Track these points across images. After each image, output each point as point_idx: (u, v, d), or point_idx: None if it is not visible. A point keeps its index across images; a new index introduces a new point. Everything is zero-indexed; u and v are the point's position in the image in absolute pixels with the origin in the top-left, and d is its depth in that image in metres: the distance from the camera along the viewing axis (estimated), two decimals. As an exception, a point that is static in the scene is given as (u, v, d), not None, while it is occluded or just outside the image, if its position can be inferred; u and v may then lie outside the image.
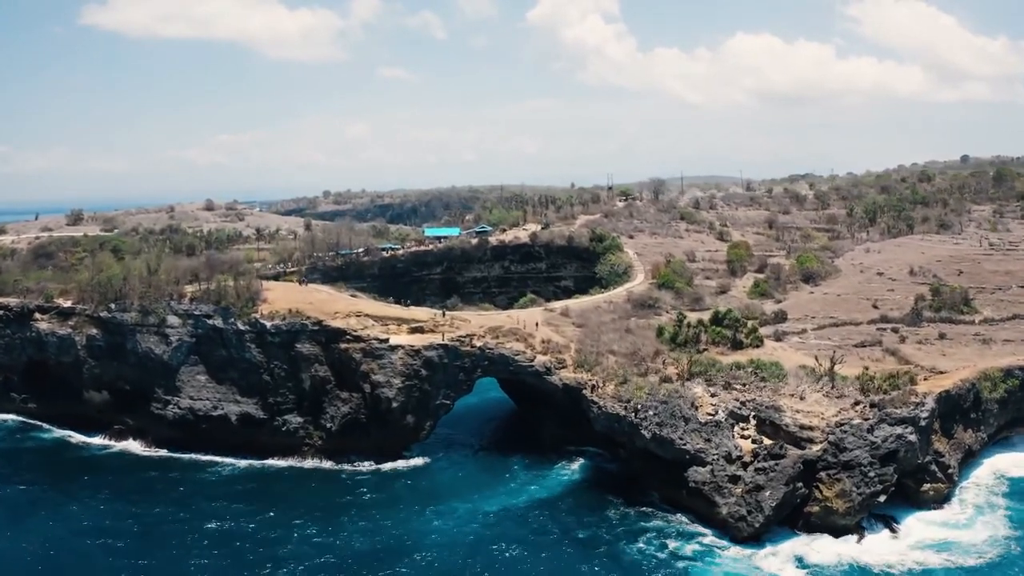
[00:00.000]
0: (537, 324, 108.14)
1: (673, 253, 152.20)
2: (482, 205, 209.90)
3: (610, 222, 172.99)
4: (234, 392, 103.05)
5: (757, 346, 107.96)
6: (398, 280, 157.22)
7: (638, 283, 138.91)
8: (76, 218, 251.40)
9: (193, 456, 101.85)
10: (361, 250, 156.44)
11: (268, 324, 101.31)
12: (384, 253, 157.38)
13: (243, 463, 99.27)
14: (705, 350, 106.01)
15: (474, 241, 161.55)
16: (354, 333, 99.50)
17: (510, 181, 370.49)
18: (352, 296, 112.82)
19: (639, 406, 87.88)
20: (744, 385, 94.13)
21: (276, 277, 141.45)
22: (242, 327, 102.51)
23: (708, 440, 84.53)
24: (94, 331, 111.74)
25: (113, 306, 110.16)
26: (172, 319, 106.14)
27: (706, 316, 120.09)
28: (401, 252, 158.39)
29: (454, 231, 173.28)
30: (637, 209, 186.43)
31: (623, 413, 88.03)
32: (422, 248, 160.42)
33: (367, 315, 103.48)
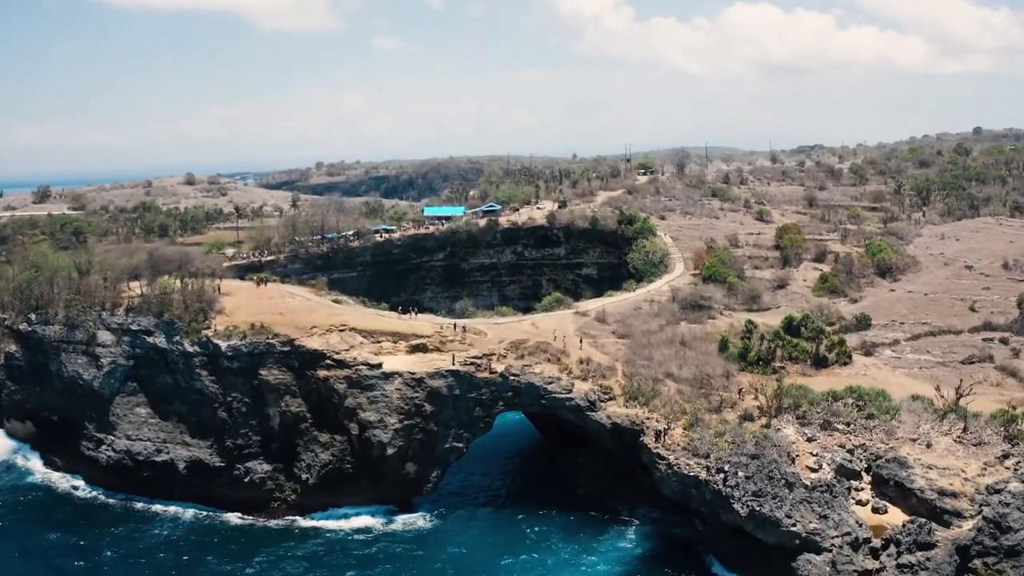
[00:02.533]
0: (579, 342, 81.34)
1: (714, 238, 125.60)
2: (488, 180, 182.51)
3: (635, 200, 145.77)
4: (182, 431, 76.57)
5: (844, 363, 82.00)
6: (393, 268, 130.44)
7: (678, 275, 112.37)
8: (43, 195, 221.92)
9: (130, 503, 76.54)
10: (351, 233, 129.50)
11: (223, 345, 74.34)
12: (377, 236, 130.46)
13: (189, 513, 74.14)
14: (782, 369, 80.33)
15: (481, 223, 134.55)
16: (336, 356, 72.79)
17: (509, 153, 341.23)
18: (335, 302, 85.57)
19: (724, 465, 62.00)
20: (848, 425, 68.52)
21: (253, 270, 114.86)
22: (190, 348, 75.62)
23: (824, 517, 58.77)
24: (13, 347, 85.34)
25: (34, 316, 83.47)
26: (104, 335, 79.33)
27: (771, 320, 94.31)
28: (397, 235, 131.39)
29: (458, 210, 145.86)
30: (663, 185, 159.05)
31: (704, 477, 61.95)
32: (421, 231, 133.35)
33: (354, 329, 76.75)
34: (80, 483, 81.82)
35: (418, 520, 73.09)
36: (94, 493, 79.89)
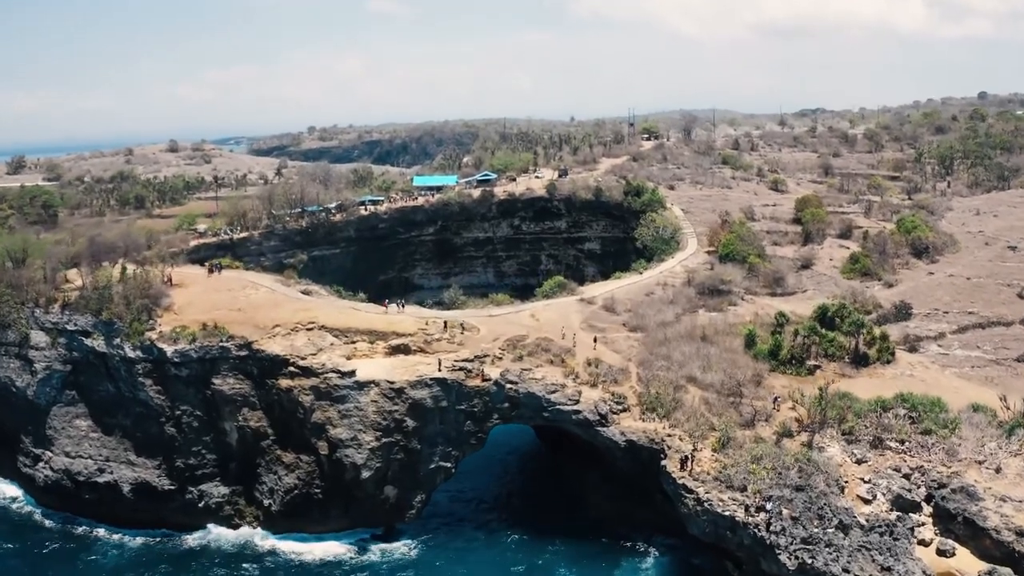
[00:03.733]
0: (591, 341, 68.85)
1: (728, 211, 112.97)
2: (482, 145, 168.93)
3: (641, 168, 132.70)
4: (127, 448, 64.55)
5: (887, 361, 70.35)
6: (380, 244, 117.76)
7: (691, 253, 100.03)
8: (17, 166, 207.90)
9: (71, 525, 65.08)
10: (334, 205, 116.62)
11: (169, 350, 61.96)
12: (363, 209, 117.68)
13: (137, 541, 62.66)
14: (817, 368, 68.64)
15: (475, 194, 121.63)
16: (301, 362, 60.48)
17: (506, 116, 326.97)
18: (304, 293, 72.73)
19: (766, 503, 50.27)
20: (903, 443, 56.95)
21: (223, 249, 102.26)
22: (131, 353, 63.25)
23: (887, 569, 47.12)
24: (-58, 346, 73.17)
25: (-40, 312, 71.13)
26: (38, 336, 66.99)
27: (799, 307, 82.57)
28: (384, 208, 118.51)
29: (450, 180, 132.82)
30: (670, 151, 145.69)
31: (742, 518, 50.22)
32: (410, 204, 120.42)
33: (324, 327, 64.41)
34: (19, 494, 70.47)
35: (399, 548, 61.50)
36: (31, 509, 68.49)
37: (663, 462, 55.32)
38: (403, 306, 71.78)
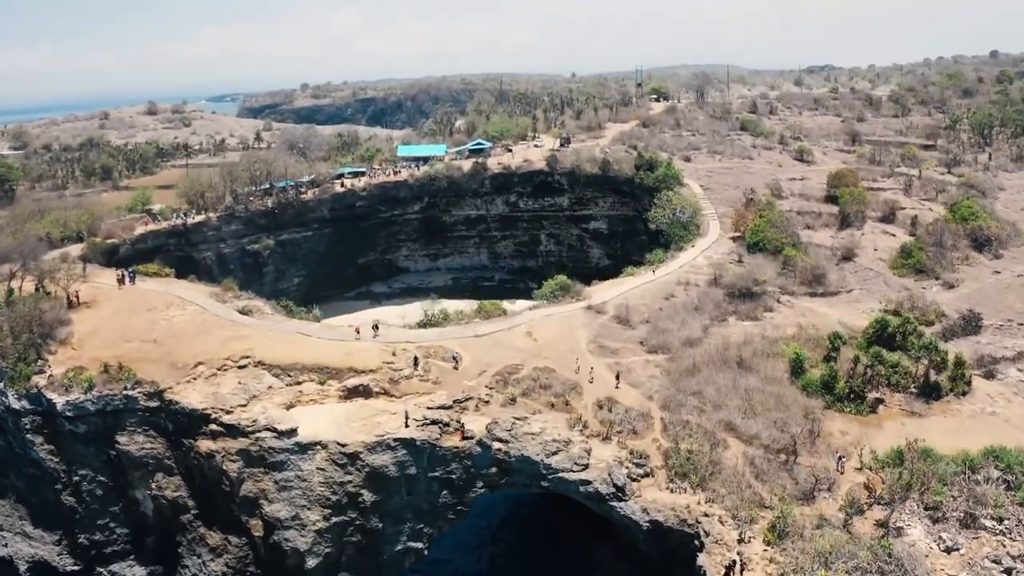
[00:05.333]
0: (607, 373, 53.19)
1: (753, 187, 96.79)
2: (476, 108, 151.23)
3: (652, 135, 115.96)
4: (22, 516, 49.58)
5: (963, 393, 55.34)
6: (358, 224, 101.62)
7: (715, 240, 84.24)
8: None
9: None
10: (306, 179, 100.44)
11: (60, 401, 46.49)
12: (338, 185, 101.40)
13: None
14: (880, 402, 53.85)
15: (466, 167, 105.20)
16: (225, 419, 45.00)
17: (506, 71, 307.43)
18: (242, 313, 56.22)
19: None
20: (1001, 521, 42.32)
21: (174, 237, 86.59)
22: (17, 403, 48.00)
23: None
24: None
25: None
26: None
27: (846, 313, 68.01)
28: (362, 184, 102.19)
29: (438, 149, 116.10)
30: (683, 115, 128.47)
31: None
32: (392, 178, 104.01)
33: (262, 363, 49.07)
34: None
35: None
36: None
37: (700, 560, 40.53)
38: (376, 332, 55.95)
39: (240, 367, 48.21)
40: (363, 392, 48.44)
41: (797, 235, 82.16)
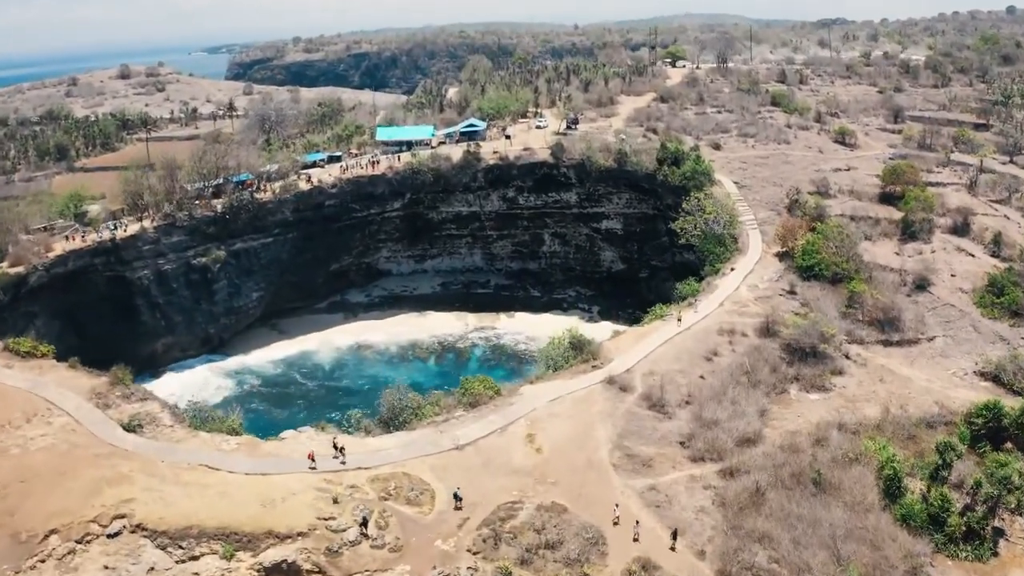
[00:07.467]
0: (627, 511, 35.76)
1: (796, 183, 78.49)
2: (471, 76, 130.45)
3: (674, 114, 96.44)
4: None
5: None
6: (328, 227, 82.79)
7: (757, 259, 66.46)
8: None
9: None
10: (270, 169, 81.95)
11: None
12: (304, 181, 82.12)
13: None
14: (1002, 535, 37.47)
15: (456, 156, 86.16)
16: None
17: (504, 19, 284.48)
18: (127, 429, 36.82)
19: None
20: None
21: (100, 255, 68.60)
22: None
23: None
24: None
25: None
26: None
27: (930, 371, 51.22)
28: (331, 181, 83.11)
29: (425, 131, 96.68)
30: (705, 87, 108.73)
31: None
32: (368, 172, 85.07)
33: (142, 527, 31.98)
34: None
35: None
36: None
37: None
38: (343, 451, 38.21)
39: (110, 535, 31.15)
40: (287, 572, 31.44)
41: (859, 256, 64.34)
